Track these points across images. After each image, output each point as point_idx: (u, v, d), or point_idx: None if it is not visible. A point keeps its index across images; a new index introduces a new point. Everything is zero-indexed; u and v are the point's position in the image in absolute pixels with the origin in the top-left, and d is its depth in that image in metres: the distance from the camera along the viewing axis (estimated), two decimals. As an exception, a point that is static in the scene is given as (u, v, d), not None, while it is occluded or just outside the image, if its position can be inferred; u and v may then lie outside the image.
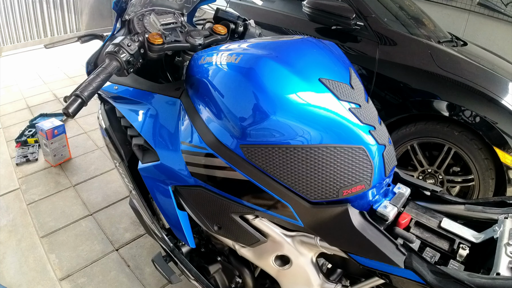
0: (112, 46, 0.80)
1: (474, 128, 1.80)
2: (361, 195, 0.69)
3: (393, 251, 0.61)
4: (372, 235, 0.63)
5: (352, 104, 0.67)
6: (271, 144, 0.67)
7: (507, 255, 0.60)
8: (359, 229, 0.63)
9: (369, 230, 0.64)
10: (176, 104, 0.87)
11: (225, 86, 0.73)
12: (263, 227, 0.79)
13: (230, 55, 0.75)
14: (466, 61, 2.01)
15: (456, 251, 0.67)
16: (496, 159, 1.80)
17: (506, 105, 1.78)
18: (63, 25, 4.38)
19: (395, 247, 0.62)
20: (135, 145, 0.95)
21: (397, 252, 0.61)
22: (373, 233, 0.63)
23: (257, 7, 2.73)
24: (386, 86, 2.08)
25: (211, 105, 0.76)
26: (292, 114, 0.65)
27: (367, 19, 2.14)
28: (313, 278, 0.78)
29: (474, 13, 4.34)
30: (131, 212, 1.85)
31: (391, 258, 0.60)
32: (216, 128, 0.75)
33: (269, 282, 0.96)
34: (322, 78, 0.67)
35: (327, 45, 0.78)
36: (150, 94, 0.93)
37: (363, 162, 0.66)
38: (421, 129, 1.97)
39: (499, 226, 0.67)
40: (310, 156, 0.65)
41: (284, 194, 0.70)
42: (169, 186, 0.87)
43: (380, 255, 0.61)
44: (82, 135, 2.56)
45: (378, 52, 2.07)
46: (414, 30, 2.23)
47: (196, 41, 0.94)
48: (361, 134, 0.67)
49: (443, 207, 0.78)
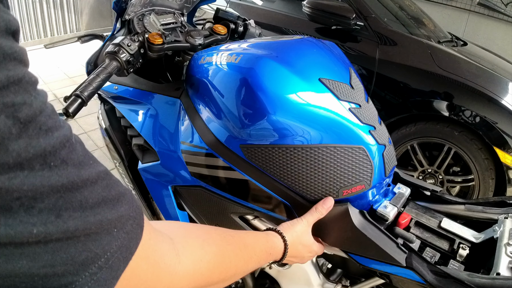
0: (112, 46, 0.80)
1: (474, 128, 1.80)
2: (361, 195, 0.69)
3: (394, 250, 0.62)
4: (373, 234, 0.63)
5: (352, 104, 0.67)
6: (271, 144, 0.67)
7: (507, 255, 0.60)
8: (359, 228, 0.63)
9: (370, 229, 0.64)
10: (176, 104, 0.87)
11: (225, 86, 0.73)
12: (263, 227, 0.79)
13: (230, 55, 0.75)
14: (466, 61, 2.01)
15: (456, 251, 0.67)
16: (496, 159, 1.80)
17: (506, 105, 1.78)
18: (63, 25, 4.37)
19: (395, 246, 0.62)
20: (135, 145, 0.95)
21: (398, 250, 0.62)
22: (373, 232, 0.63)
23: (257, 7, 2.73)
24: (386, 86, 2.08)
25: (211, 105, 0.76)
26: (292, 114, 0.65)
27: (367, 19, 2.14)
28: (313, 278, 0.78)
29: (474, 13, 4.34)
30: (131, 212, 1.84)
31: (393, 256, 0.60)
32: (216, 128, 0.75)
33: (269, 282, 0.96)
34: (322, 78, 0.67)
35: (327, 45, 0.78)
36: (150, 94, 0.93)
37: (363, 162, 0.66)
38: (421, 129, 1.97)
39: (499, 226, 0.67)
40: (310, 156, 0.65)
41: (284, 194, 0.70)
42: (169, 186, 0.87)
43: (381, 254, 0.61)
44: (82, 135, 2.56)
45: (378, 52, 2.07)
46: (414, 30, 2.23)
47: (196, 41, 0.94)
48: (361, 134, 0.67)
49: (443, 207, 0.78)
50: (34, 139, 0.22)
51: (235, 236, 0.51)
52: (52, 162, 0.23)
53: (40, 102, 0.24)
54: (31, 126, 0.22)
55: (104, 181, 0.27)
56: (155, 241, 0.34)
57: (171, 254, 0.36)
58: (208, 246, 0.43)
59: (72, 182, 0.24)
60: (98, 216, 0.26)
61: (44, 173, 0.23)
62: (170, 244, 0.37)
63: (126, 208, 0.29)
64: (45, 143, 0.23)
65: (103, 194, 0.27)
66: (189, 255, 0.39)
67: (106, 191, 0.27)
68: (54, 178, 0.23)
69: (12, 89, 0.22)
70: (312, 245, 0.67)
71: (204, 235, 0.44)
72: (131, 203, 0.30)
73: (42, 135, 0.23)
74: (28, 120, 0.22)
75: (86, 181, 0.25)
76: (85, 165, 0.26)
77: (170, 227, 0.42)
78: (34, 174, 0.22)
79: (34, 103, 0.23)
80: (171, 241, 0.37)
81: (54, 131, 0.24)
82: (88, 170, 0.26)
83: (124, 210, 0.29)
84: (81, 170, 0.25)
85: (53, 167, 0.23)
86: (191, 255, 0.39)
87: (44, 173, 0.23)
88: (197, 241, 0.42)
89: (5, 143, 0.21)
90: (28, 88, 0.23)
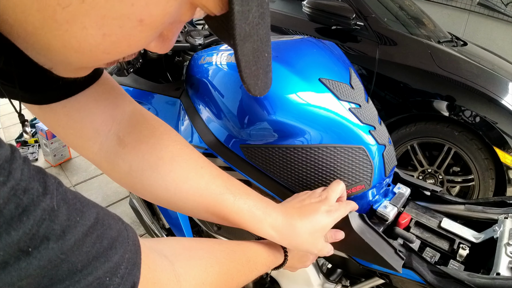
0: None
1: (474, 128, 1.80)
2: (361, 195, 0.69)
3: (392, 256, 0.61)
4: (371, 239, 0.62)
5: (352, 104, 0.67)
6: (271, 144, 0.67)
7: (507, 255, 0.60)
8: (358, 232, 0.62)
9: (368, 233, 0.63)
10: (176, 104, 0.87)
11: (225, 86, 0.73)
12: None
13: (230, 55, 0.75)
14: (466, 61, 2.01)
15: (456, 251, 0.67)
16: (496, 159, 1.80)
17: (506, 105, 1.78)
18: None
19: (393, 252, 0.61)
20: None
21: (396, 256, 0.61)
22: (372, 236, 0.62)
23: (257, 7, 2.73)
24: (386, 86, 2.08)
25: (211, 105, 0.76)
26: (292, 114, 0.65)
27: (367, 19, 2.14)
28: (313, 278, 0.78)
29: (474, 13, 4.35)
30: (131, 212, 1.85)
31: (390, 262, 0.59)
32: (216, 128, 0.75)
33: (269, 282, 0.96)
34: (322, 78, 0.67)
35: (327, 45, 0.78)
36: (150, 94, 0.93)
37: (363, 162, 0.66)
38: (421, 129, 1.97)
39: (499, 226, 0.67)
40: (310, 156, 0.65)
41: (284, 194, 0.70)
42: (169, 186, 0.87)
43: (379, 259, 0.60)
44: (82, 135, 2.56)
45: (378, 52, 2.07)
46: (414, 30, 2.23)
47: (196, 41, 0.94)
48: (361, 134, 0.67)
49: (443, 207, 0.78)
50: (6, 235, 0.20)
51: (238, 251, 0.50)
52: (30, 247, 0.21)
53: (11, 186, 0.21)
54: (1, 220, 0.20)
55: (94, 233, 0.26)
56: (154, 274, 0.33)
57: (171, 283, 0.35)
58: (211, 267, 0.42)
59: (54, 259, 0.22)
60: (89, 276, 0.24)
61: (21, 264, 0.21)
62: (171, 272, 0.36)
63: (120, 252, 0.28)
64: (19, 234, 0.21)
65: (94, 250, 0.25)
66: (191, 280, 0.38)
67: (97, 244, 0.26)
68: (33, 264, 0.21)
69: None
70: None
71: (207, 255, 0.44)
72: (125, 243, 0.29)
73: (16, 224, 0.20)
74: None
75: (72, 248, 0.23)
76: (71, 228, 0.24)
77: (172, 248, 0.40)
78: (9, 270, 0.20)
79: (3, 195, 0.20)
80: (171, 268, 0.37)
81: (31, 211, 0.21)
82: (74, 233, 0.24)
83: (118, 256, 0.27)
84: (66, 238, 0.23)
85: (32, 252, 0.21)
86: (193, 279, 0.39)
87: (20, 264, 0.21)
88: (200, 263, 0.41)
89: None
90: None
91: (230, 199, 0.51)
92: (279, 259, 0.59)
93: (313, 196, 0.61)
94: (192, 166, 0.51)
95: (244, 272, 0.49)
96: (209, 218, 0.54)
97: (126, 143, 0.49)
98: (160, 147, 0.50)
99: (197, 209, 0.52)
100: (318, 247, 0.58)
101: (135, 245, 0.30)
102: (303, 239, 0.55)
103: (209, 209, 0.51)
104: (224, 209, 0.51)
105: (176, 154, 0.51)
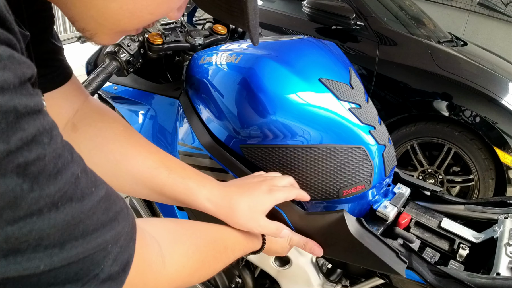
0: (112, 46, 0.80)
1: (474, 128, 1.80)
2: (361, 195, 0.69)
3: (394, 259, 0.59)
4: (370, 243, 0.60)
5: (352, 104, 0.67)
6: (271, 144, 0.67)
7: (507, 255, 0.60)
8: (356, 237, 0.60)
9: (367, 237, 0.61)
10: (175, 104, 0.87)
11: (225, 86, 0.73)
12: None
13: (230, 55, 0.75)
14: (466, 61, 2.01)
15: (456, 251, 0.67)
16: (496, 159, 1.80)
17: (506, 105, 1.79)
18: (63, 25, 4.37)
19: (395, 255, 0.59)
20: (135, 145, 0.95)
21: (398, 260, 0.59)
22: (371, 241, 0.60)
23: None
24: (386, 86, 2.08)
25: (211, 105, 0.76)
26: (292, 114, 0.65)
27: (367, 19, 2.14)
28: (313, 278, 0.78)
29: (474, 13, 4.35)
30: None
31: (392, 267, 0.58)
32: (216, 128, 0.75)
33: (269, 282, 0.95)
34: (322, 78, 0.67)
35: (327, 45, 0.78)
36: (149, 94, 0.93)
37: (363, 162, 0.66)
38: (421, 129, 1.97)
39: (499, 226, 0.67)
40: (310, 156, 0.65)
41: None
42: (169, 186, 0.87)
43: (380, 264, 0.59)
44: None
45: (378, 52, 2.07)
46: (414, 30, 2.23)
47: (196, 41, 0.94)
48: (361, 134, 0.66)
49: (443, 207, 0.78)
50: (45, 189, 0.23)
51: (218, 240, 0.53)
52: (60, 203, 0.25)
53: (53, 149, 0.24)
54: (42, 176, 0.23)
55: (104, 205, 0.29)
56: (145, 250, 0.37)
57: (158, 261, 0.39)
58: (192, 253, 0.46)
59: (75, 217, 0.26)
60: (98, 239, 0.28)
61: (51, 215, 0.24)
62: (158, 252, 0.40)
63: (122, 225, 0.31)
64: (54, 189, 0.24)
65: (102, 218, 0.29)
66: (174, 262, 0.42)
67: (105, 214, 0.29)
68: (60, 217, 0.25)
69: (26, 148, 0.22)
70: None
71: (189, 242, 0.47)
72: (126, 219, 0.32)
73: (52, 181, 0.24)
74: (39, 172, 0.23)
75: (88, 212, 0.27)
76: (88, 195, 0.28)
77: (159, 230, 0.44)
78: (42, 218, 0.23)
79: (47, 155, 0.24)
80: (159, 248, 0.40)
81: (63, 172, 0.25)
82: (90, 199, 0.28)
83: (120, 228, 0.31)
84: (84, 202, 0.27)
85: (60, 207, 0.25)
86: (175, 262, 0.43)
87: (51, 215, 0.24)
88: (182, 248, 0.45)
89: (17, 201, 0.22)
90: (42, 140, 0.23)
91: (165, 172, 0.55)
92: (256, 244, 0.61)
93: (256, 176, 0.63)
94: (132, 145, 0.56)
95: (221, 259, 0.53)
96: (150, 196, 0.57)
97: (78, 128, 0.54)
98: (105, 129, 0.55)
99: (137, 185, 0.55)
100: (260, 224, 0.57)
101: (132, 222, 0.34)
102: (241, 213, 0.56)
103: (147, 184, 0.55)
104: (159, 182, 0.54)
105: (118, 134, 0.56)
